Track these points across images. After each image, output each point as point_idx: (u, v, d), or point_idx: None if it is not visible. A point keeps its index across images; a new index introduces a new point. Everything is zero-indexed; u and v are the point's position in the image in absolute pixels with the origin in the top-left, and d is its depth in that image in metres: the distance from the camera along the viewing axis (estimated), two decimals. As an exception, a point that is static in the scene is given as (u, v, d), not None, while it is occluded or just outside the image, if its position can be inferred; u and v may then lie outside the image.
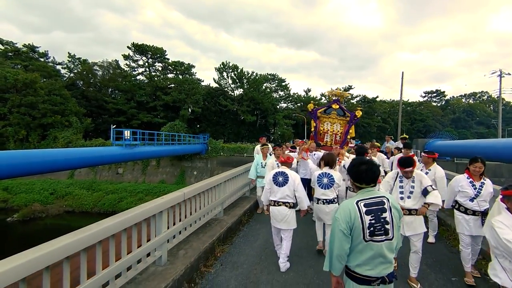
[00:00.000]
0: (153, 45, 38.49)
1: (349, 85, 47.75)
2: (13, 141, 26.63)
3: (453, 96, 56.06)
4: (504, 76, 30.26)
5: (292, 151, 6.59)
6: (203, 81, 42.93)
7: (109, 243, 2.53)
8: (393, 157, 6.89)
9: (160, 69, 41.09)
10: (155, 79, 38.89)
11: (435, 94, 54.55)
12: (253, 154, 7.67)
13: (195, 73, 42.83)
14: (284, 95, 46.15)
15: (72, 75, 38.73)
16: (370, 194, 1.94)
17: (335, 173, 4.23)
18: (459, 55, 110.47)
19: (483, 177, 3.63)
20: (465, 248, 3.56)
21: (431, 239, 4.76)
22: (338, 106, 8.38)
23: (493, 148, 11.41)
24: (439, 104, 53.84)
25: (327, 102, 8.87)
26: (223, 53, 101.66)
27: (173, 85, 37.73)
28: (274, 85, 44.62)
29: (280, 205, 3.75)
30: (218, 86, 41.63)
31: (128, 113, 36.02)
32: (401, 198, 3.44)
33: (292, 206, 3.78)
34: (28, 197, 22.29)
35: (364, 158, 2.24)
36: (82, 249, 2.21)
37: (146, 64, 40.09)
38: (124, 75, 39.33)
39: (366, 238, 1.86)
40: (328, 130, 8.35)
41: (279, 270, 3.64)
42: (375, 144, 7.82)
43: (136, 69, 40.59)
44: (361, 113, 8.46)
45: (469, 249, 3.55)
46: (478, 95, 57.29)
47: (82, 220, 19.97)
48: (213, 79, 42.18)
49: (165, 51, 39.43)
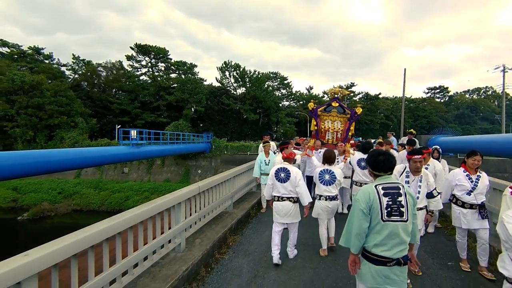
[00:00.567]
0: (155, 46, 38.83)
1: (351, 83, 47.83)
2: (21, 142, 27.17)
3: (457, 92, 55.76)
4: (507, 71, 30.16)
5: (296, 148, 6.79)
6: (205, 81, 43.27)
7: (138, 229, 2.83)
8: (397, 154, 6.94)
9: (163, 69, 41.45)
10: (158, 79, 39.26)
11: (438, 90, 54.28)
12: (256, 152, 7.84)
13: (198, 72, 43.18)
14: (286, 93, 46.35)
15: (76, 76, 39.23)
16: (387, 180, 2.17)
17: (336, 169, 4.29)
18: (463, 50, 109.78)
19: (478, 170, 3.67)
20: (461, 240, 3.71)
21: (431, 229, 4.95)
22: (337, 104, 8.45)
23: (496, 143, 11.43)
24: (442, 100, 53.59)
25: (329, 100, 8.95)
26: (225, 52, 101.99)
27: (176, 85, 38.09)
28: (276, 83, 44.82)
29: (284, 200, 3.80)
30: (220, 85, 41.91)
31: (132, 113, 36.46)
32: None
33: (296, 200, 3.84)
34: (37, 197, 22.79)
35: (381, 150, 2.50)
36: (117, 233, 2.52)
37: (149, 64, 40.46)
38: (127, 75, 39.75)
39: (384, 218, 2.04)
40: (329, 128, 8.40)
41: (288, 257, 3.92)
42: (389, 140, 7.95)
43: (139, 69, 40.98)
44: (361, 110, 8.51)
45: (465, 239, 3.69)
46: (482, 90, 56.87)
47: (90, 219, 20.39)
48: (216, 78, 42.52)
49: (167, 51, 39.78)
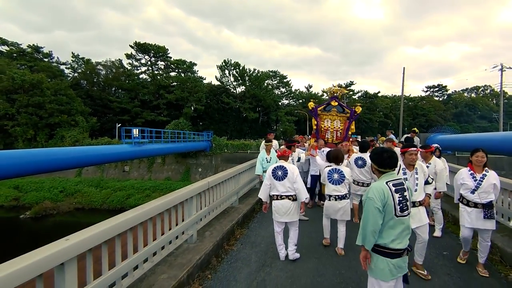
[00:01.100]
0: (155, 44, 38.87)
1: (350, 81, 48.03)
2: (21, 140, 27.25)
3: (455, 91, 56.05)
4: (505, 70, 30.40)
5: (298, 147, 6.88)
6: (205, 79, 43.39)
7: (156, 220, 3.03)
8: (397, 151, 7.19)
9: (162, 67, 41.51)
10: (158, 77, 39.34)
11: (437, 89, 54.56)
12: (257, 151, 7.96)
13: (197, 71, 43.28)
14: (285, 91, 46.54)
15: (76, 75, 39.27)
16: (393, 176, 2.27)
17: (345, 168, 4.29)
18: (463, 49, 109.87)
19: (485, 169, 3.61)
20: (464, 239, 3.72)
21: (438, 233, 4.74)
22: (337, 103, 8.45)
23: (492, 141, 11.53)
24: (441, 99, 53.85)
25: (328, 98, 9.03)
26: (225, 50, 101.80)
27: (175, 84, 38.18)
28: (276, 82, 44.99)
29: (283, 198, 3.77)
30: (220, 83, 42.03)
31: (132, 111, 36.56)
32: None
33: (295, 198, 3.82)
34: (39, 195, 22.94)
35: (384, 147, 2.69)
36: (139, 223, 2.73)
37: (149, 63, 40.50)
38: (127, 74, 39.81)
39: (397, 214, 2.15)
40: (328, 127, 8.39)
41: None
42: (391, 138, 8.08)
43: (139, 68, 41.04)
44: (360, 108, 8.53)
45: (470, 237, 3.66)
46: (481, 89, 57.16)
47: (92, 217, 20.61)
48: (215, 77, 42.69)
49: (167, 49, 39.82)
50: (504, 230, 4.36)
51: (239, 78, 40.71)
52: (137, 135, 16.54)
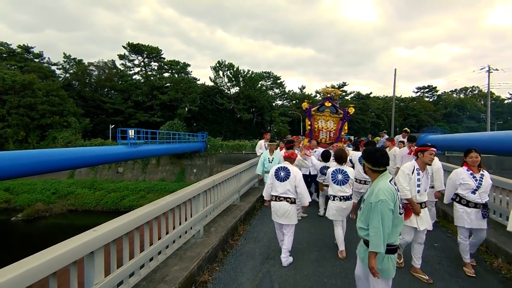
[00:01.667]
0: (148, 45, 38.72)
1: (343, 82, 48.73)
2: (12, 142, 26.80)
3: (445, 92, 57.33)
4: (492, 72, 31.36)
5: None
6: (198, 80, 43.39)
7: (168, 215, 3.21)
8: (396, 150, 6.88)
9: (156, 68, 41.36)
10: (152, 78, 39.18)
11: (427, 90, 55.72)
12: (251, 151, 8.01)
13: (191, 72, 43.27)
14: (279, 92, 46.91)
15: (67, 75, 38.76)
16: (390, 175, 2.33)
17: (348, 168, 4.28)
18: (453, 50, 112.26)
19: (481, 169, 3.65)
20: (463, 241, 3.62)
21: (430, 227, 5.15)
22: (330, 104, 8.61)
23: (480, 141, 11.96)
24: (431, 100, 55.01)
25: (322, 99, 9.24)
26: (218, 51, 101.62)
27: (169, 84, 38.09)
28: (270, 82, 45.31)
29: (281, 200, 3.77)
30: (214, 84, 42.10)
31: (126, 112, 36.32)
32: (418, 191, 3.38)
33: (293, 201, 3.79)
34: (31, 197, 22.63)
35: (377, 147, 2.87)
36: (154, 218, 2.90)
37: (142, 63, 40.32)
38: (120, 75, 39.54)
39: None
40: (322, 127, 8.56)
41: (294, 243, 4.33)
42: (391, 137, 8.35)
43: (132, 68, 40.81)
44: (353, 109, 8.71)
45: (468, 241, 3.61)
46: (469, 90, 58.54)
47: (86, 219, 20.45)
48: (209, 77, 42.70)
49: (160, 50, 39.72)
50: (489, 223, 4.65)
51: (233, 79, 40.88)
52: (132, 136, 16.54)
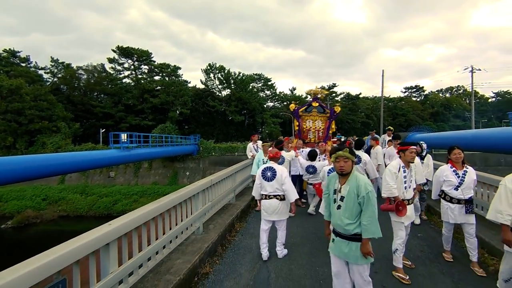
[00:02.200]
0: (138, 48, 38.56)
1: (333, 83, 49.54)
2: (-1, 148, 26.30)
3: (432, 91, 58.88)
4: (475, 72, 32.53)
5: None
6: (189, 83, 43.41)
7: (171, 212, 3.43)
8: (378, 149, 7.34)
9: (146, 71, 41.17)
10: (142, 82, 38.98)
11: (414, 90, 57.09)
12: (244, 153, 8.05)
13: (182, 74, 43.28)
14: (270, 94, 47.35)
15: (55, 80, 38.18)
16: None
17: None
18: (439, 51, 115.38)
19: (465, 165, 3.78)
20: (447, 233, 3.88)
21: (417, 221, 5.21)
22: (317, 104, 8.85)
23: (464, 138, 12.47)
24: (418, 99, 56.37)
25: (311, 100, 9.51)
26: (209, 53, 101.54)
27: (160, 88, 37.99)
28: (261, 84, 45.71)
29: (271, 198, 3.94)
30: (205, 87, 42.18)
31: (116, 116, 36.01)
32: (405, 188, 3.52)
33: (283, 198, 3.96)
34: (20, 204, 22.23)
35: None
36: (158, 215, 3.12)
37: (132, 67, 40.06)
38: (110, 78, 39.19)
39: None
40: (310, 127, 8.78)
41: (290, 241, 4.60)
42: (375, 137, 8.67)
43: (122, 72, 40.48)
44: (340, 108, 8.96)
45: (451, 234, 3.89)
46: (454, 89, 60.29)
47: (78, 225, 20.23)
48: (200, 80, 42.75)
49: (151, 53, 39.59)
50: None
51: (224, 81, 41.07)
52: (125, 140, 16.54)
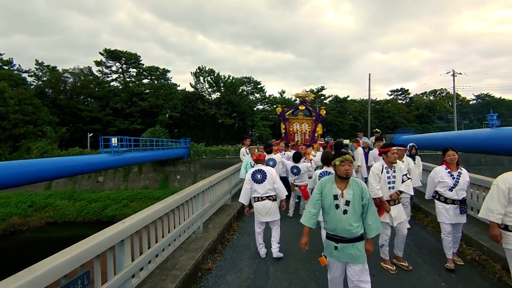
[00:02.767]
0: (126, 51, 38.18)
1: (321, 86, 50.44)
2: (-19, 154, 25.48)
3: (416, 94, 60.72)
4: (456, 76, 33.98)
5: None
6: (179, 86, 43.25)
7: (174, 214, 3.62)
8: (359, 150, 7.55)
9: (134, 74, 40.78)
10: (130, 85, 38.57)
11: (400, 92, 58.68)
12: (235, 156, 8.00)
13: (171, 77, 43.04)
14: (260, 97, 47.73)
15: (40, 83, 37.30)
16: None
17: None
18: (424, 55, 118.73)
19: (459, 167, 3.84)
20: (446, 237, 3.78)
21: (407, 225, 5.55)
22: (304, 107, 9.03)
23: (447, 139, 12.97)
24: (404, 102, 57.96)
25: (298, 103, 9.69)
26: (199, 56, 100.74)
27: (149, 91, 37.70)
28: (250, 87, 46.03)
29: (264, 199, 4.01)
30: (195, 90, 42.15)
31: (104, 120, 35.47)
32: (389, 189, 3.63)
33: (275, 199, 4.08)
34: (5, 211, 21.52)
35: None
36: (164, 214, 3.30)
37: (120, 70, 39.61)
38: (97, 81, 38.59)
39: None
40: (297, 130, 8.99)
41: (284, 234, 4.84)
42: (356, 139, 8.94)
43: (109, 75, 39.95)
44: (324, 111, 9.16)
45: (450, 237, 3.77)
46: (438, 92, 62.38)
47: (67, 231, 19.83)
48: (190, 83, 42.69)
49: (139, 56, 39.28)
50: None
51: (214, 84, 41.18)
52: (116, 144, 16.44)
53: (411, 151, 5.76)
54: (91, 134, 32.10)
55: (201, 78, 41.25)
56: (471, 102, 59.34)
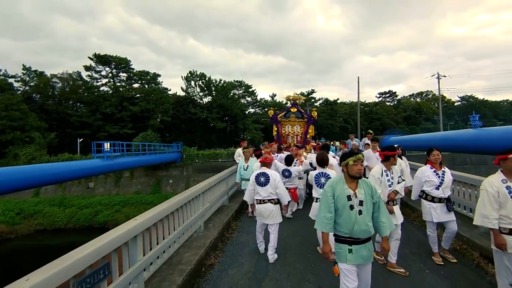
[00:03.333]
0: (116, 56, 37.94)
1: (312, 89, 51.18)
2: (-33, 161, 24.82)
3: (404, 96, 62.30)
4: (441, 78, 35.21)
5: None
6: (170, 90, 43.14)
7: (178, 213, 3.83)
8: (364, 152, 7.37)
9: (125, 79, 40.50)
10: (121, 89, 38.29)
11: (388, 95, 60.14)
12: (228, 159, 8.08)
13: (161, 82, 42.92)
14: (251, 100, 48.06)
15: (27, 88, 36.58)
16: None
17: (331, 171, 4.39)
18: (411, 57, 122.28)
19: (442, 166, 3.97)
20: (431, 233, 3.96)
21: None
22: (296, 109, 9.21)
23: (433, 140, 13.39)
24: (392, 104, 59.36)
25: (289, 106, 9.87)
26: (190, 60, 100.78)
27: (140, 95, 37.49)
28: (241, 91, 46.33)
29: (265, 202, 4.08)
30: (186, 94, 42.13)
31: (94, 125, 35.01)
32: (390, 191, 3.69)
33: (277, 202, 4.12)
34: (-8, 219, 21.05)
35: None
36: (170, 213, 3.50)
37: (110, 74, 39.27)
38: (86, 86, 38.12)
39: None
40: (289, 132, 9.17)
41: (284, 231, 5.08)
42: (343, 141, 9.22)
43: (99, 80, 39.52)
44: (316, 113, 9.32)
45: (436, 233, 3.96)
46: (424, 94, 64.16)
47: (57, 238, 19.51)
48: (181, 87, 42.66)
49: (129, 61, 39.07)
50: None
51: (205, 88, 41.27)
52: (108, 149, 16.38)
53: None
54: (81, 140, 31.64)
55: (192, 82, 41.31)
56: (456, 104, 61.24)
